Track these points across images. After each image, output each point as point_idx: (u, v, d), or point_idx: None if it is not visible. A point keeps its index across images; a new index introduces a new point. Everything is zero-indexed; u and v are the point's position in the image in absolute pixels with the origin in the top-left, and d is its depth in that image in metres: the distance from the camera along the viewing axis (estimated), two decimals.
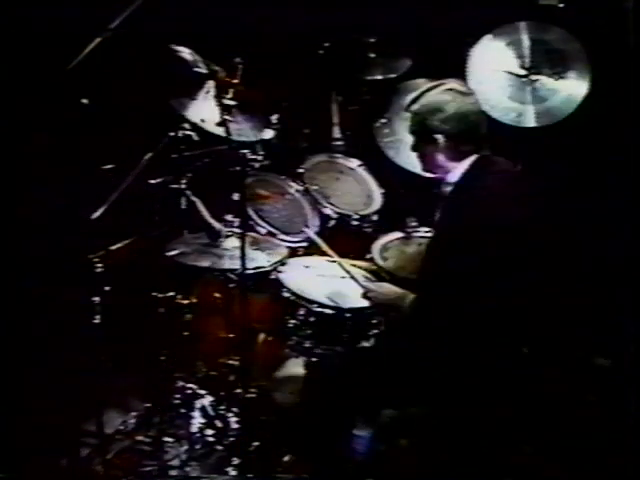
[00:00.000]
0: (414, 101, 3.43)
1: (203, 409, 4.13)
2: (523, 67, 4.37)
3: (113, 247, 3.93)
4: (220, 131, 3.94)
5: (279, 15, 4.84)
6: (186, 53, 4.05)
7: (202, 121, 4.08)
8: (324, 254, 4.00)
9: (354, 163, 4.61)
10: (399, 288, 3.51)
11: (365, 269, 4.03)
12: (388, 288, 3.58)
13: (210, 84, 4.07)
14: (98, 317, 3.80)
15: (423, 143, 3.41)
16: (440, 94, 3.37)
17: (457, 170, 3.37)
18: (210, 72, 4.06)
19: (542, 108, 4.33)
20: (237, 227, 4.03)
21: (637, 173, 4.29)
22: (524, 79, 4.36)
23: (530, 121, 4.31)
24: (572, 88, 4.33)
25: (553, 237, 3.45)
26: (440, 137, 3.35)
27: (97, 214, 3.77)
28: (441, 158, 3.38)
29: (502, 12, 4.42)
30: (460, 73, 4.35)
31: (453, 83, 3.41)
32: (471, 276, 3.22)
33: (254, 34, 4.78)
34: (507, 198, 3.32)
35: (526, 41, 4.37)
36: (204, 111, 4.10)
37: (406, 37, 4.71)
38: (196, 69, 4.06)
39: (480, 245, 3.23)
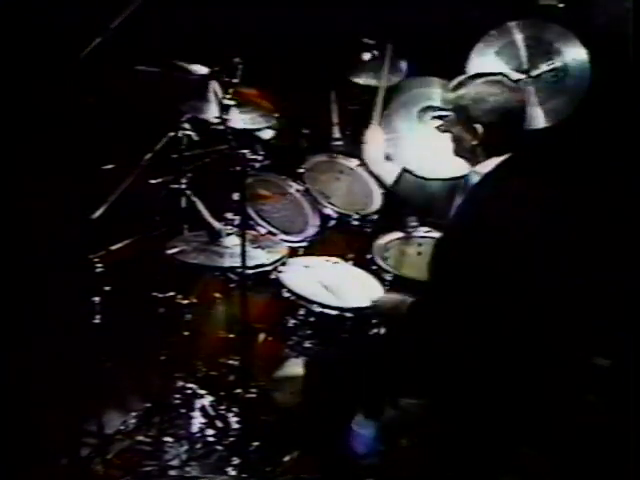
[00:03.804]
0: (460, 84, 3.43)
1: (203, 409, 4.14)
2: (522, 68, 4.36)
3: (113, 247, 3.93)
4: (238, 124, 3.95)
5: (279, 15, 4.84)
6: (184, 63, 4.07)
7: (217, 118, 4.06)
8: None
9: (354, 163, 4.61)
10: (402, 295, 3.52)
11: None
12: (392, 297, 3.60)
13: (213, 84, 4.08)
14: (98, 317, 3.81)
15: (462, 129, 3.40)
16: (487, 84, 3.36)
17: (487, 164, 3.37)
18: (211, 72, 4.06)
19: (547, 107, 4.32)
20: (237, 225, 4.03)
21: (637, 172, 4.29)
22: (525, 80, 4.35)
23: (540, 122, 4.29)
24: (572, 87, 4.32)
25: (554, 237, 3.44)
26: (479, 127, 3.34)
27: (97, 214, 3.78)
28: (477, 148, 3.39)
29: (502, 12, 4.41)
30: (461, 73, 4.35)
31: (502, 76, 3.42)
32: (475, 275, 3.23)
33: (254, 34, 4.78)
34: (525, 203, 3.32)
35: (524, 41, 4.36)
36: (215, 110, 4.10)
37: (406, 37, 4.71)
38: (197, 72, 4.07)
39: (488, 244, 3.23)
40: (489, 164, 3.37)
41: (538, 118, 4.29)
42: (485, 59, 4.35)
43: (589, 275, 4.37)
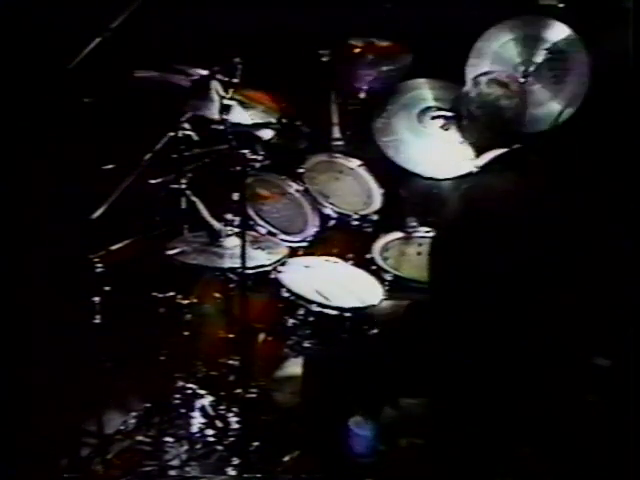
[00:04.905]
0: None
1: (203, 409, 4.14)
2: (521, 68, 4.35)
3: (113, 247, 3.94)
4: (243, 119, 3.96)
5: (279, 15, 4.84)
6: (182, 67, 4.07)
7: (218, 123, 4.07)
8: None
9: (354, 163, 4.61)
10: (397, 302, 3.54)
11: None
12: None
13: (214, 83, 4.08)
14: (98, 317, 3.81)
15: (457, 121, 3.48)
16: (480, 81, 3.41)
17: (484, 158, 3.38)
18: (211, 72, 4.07)
19: (543, 111, 4.31)
20: (237, 226, 4.03)
21: (637, 173, 4.28)
22: (525, 80, 4.34)
23: (541, 122, 4.28)
24: (572, 89, 4.32)
25: (555, 237, 3.44)
26: (464, 119, 3.41)
27: (97, 214, 3.78)
28: (467, 139, 3.43)
29: (502, 12, 4.41)
30: (460, 73, 4.36)
31: (503, 74, 3.46)
32: (470, 273, 3.23)
33: (254, 34, 4.78)
34: (516, 199, 3.32)
35: (523, 40, 4.36)
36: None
37: (405, 37, 4.71)
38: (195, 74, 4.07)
39: (481, 241, 3.24)
40: (485, 158, 3.39)
41: (539, 118, 4.28)
42: (484, 59, 4.35)
43: (588, 274, 4.37)
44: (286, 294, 3.97)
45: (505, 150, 3.38)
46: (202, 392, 4.17)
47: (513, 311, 3.27)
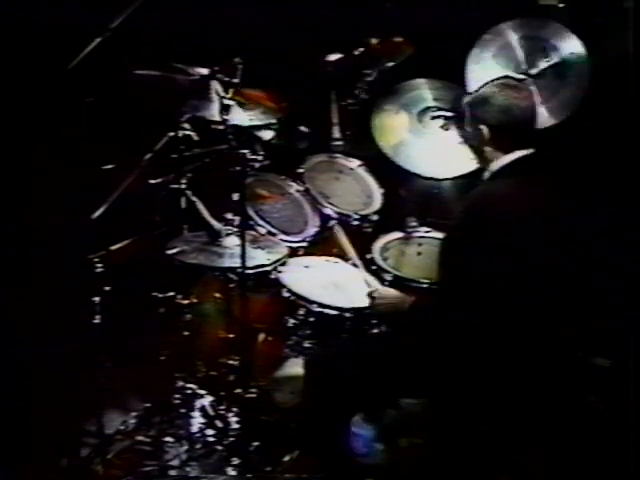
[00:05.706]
0: (471, 94, 3.47)
1: (203, 409, 4.14)
2: (521, 68, 4.35)
3: (113, 247, 3.94)
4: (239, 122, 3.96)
5: (279, 15, 4.84)
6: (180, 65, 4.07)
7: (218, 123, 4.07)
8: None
9: (354, 163, 4.61)
10: (402, 294, 3.52)
11: None
12: (392, 294, 3.59)
13: (214, 84, 4.08)
14: (98, 317, 3.81)
15: (472, 133, 3.43)
16: (491, 87, 3.39)
17: (498, 163, 3.37)
18: (211, 72, 4.07)
19: (550, 105, 4.30)
20: (237, 226, 4.03)
21: (637, 173, 4.28)
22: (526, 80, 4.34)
23: (545, 121, 4.26)
24: (572, 87, 4.32)
25: (556, 238, 3.43)
26: (484, 128, 3.36)
27: (97, 214, 3.78)
28: (487, 149, 3.40)
29: (502, 12, 4.41)
30: (460, 73, 4.36)
31: (509, 77, 3.45)
32: (479, 276, 3.23)
33: (254, 34, 4.78)
34: (528, 205, 3.32)
35: (520, 41, 4.36)
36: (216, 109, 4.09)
37: (405, 37, 4.71)
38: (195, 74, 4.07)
39: (491, 245, 3.23)
40: (500, 162, 3.37)
41: (543, 117, 4.27)
42: (483, 62, 4.35)
43: (590, 275, 4.37)
44: (286, 294, 3.97)
45: (518, 155, 3.36)
46: (202, 392, 4.17)
47: (514, 311, 3.27)
